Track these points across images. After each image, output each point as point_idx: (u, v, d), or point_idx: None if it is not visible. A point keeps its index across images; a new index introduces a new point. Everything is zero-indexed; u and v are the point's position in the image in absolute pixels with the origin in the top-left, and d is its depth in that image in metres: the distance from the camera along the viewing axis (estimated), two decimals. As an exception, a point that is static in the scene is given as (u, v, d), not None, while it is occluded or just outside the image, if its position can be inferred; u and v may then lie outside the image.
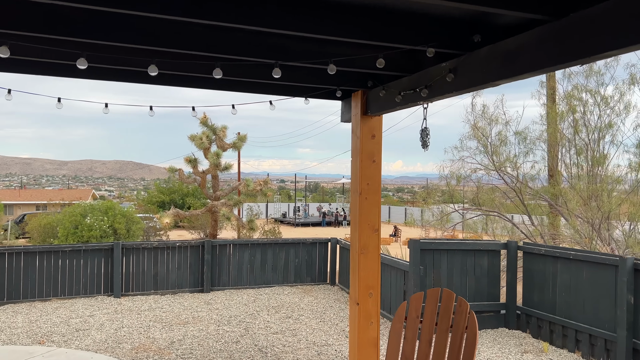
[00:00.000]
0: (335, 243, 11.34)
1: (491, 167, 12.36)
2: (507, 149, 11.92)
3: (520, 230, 11.64)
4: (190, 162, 24.68)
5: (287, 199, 73.82)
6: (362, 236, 5.28)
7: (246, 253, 10.81)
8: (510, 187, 11.48)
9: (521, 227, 12.17)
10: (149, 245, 10.28)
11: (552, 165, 13.01)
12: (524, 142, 12.69)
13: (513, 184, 11.50)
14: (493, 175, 12.88)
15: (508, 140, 11.87)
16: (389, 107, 4.81)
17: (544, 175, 13.08)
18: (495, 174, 12.76)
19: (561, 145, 12.90)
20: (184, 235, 44.22)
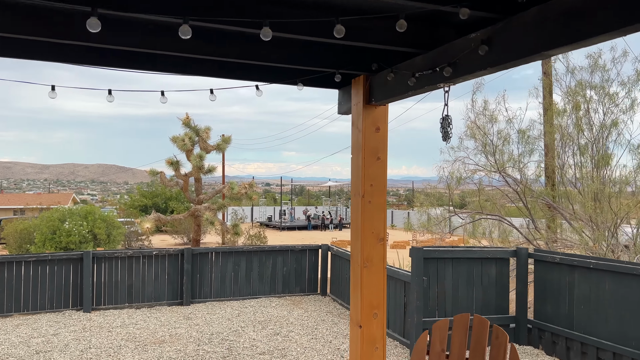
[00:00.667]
0: (326, 250, 10.52)
1: (491, 169, 11.65)
2: (510, 148, 11.21)
3: (524, 236, 10.92)
4: (172, 164, 23.74)
5: (273, 203, 73.01)
6: (365, 246, 4.48)
7: (230, 262, 9.95)
8: (513, 189, 10.76)
9: (523, 231, 11.45)
10: (123, 254, 9.39)
11: (550, 166, 12.33)
12: (525, 142, 12.02)
13: (516, 185, 10.78)
14: (492, 176, 12.18)
15: (511, 139, 11.15)
16: (399, 93, 4.02)
17: (554, 178, 12.41)
18: (494, 176, 12.07)
19: (563, 145, 12.22)
20: (167, 240, 43.21)
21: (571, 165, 11.84)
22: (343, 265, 9.67)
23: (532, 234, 11.23)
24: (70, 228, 32.29)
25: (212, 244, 38.37)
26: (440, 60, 3.48)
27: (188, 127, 24.16)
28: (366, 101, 4.46)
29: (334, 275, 10.20)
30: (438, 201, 15.81)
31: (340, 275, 9.82)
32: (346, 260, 9.54)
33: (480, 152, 12.23)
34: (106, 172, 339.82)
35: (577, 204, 10.50)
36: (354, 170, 4.62)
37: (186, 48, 3.64)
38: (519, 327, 7.56)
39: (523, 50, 2.83)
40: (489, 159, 12.15)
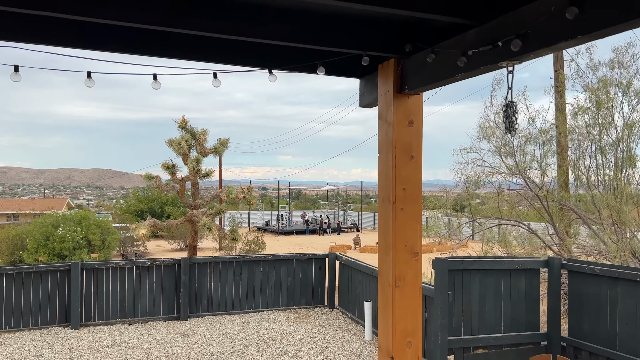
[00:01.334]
0: (333, 259, 9.79)
1: (509, 171, 10.96)
2: (529, 150, 10.52)
3: (546, 244, 10.20)
4: (168, 168, 22.95)
5: (270, 207, 72.29)
6: (397, 262, 3.77)
7: (230, 272, 9.21)
8: (534, 192, 10.04)
9: (543, 238, 10.75)
10: (115, 264, 8.64)
11: (564, 167, 11.64)
12: (542, 142, 11.34)
13: (537, 189, 10.07)
14: (509, 179, 11.49)
15: (531, 139, 10.46)
16: (442, 77, 3.31)
17: (567, 180, 11.71)
18: (510, 179, 11.37)
19: (580, 146, 11.53)
20: (163, 246, 42.40)
21: (590, 167, 11.16)
22: (353, 276, 8.95)
23: (552, 239, 10.52)
24: (63, 234, 31.47)
25: (209, 249, 37.62)
26: (502, 32, 2.78)
27: (184, 130, 23.40)
28: (397, 90, 3.76)
29: (342, 286, 9.47)
30: (442, 205, 15.06)
31: (350, 286, 9.09)
32: (356, 271, 8.82)
33: (494, 153, 11.55)
34: (102, 176, 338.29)
35: (605, 209, 9.80)
36: (382, 171, 3.91)
37: (170, 21, 2.96)
38: (552, 345, 6.85)
39: (634, 10, 2.12)
40: (505, 161, 11.48)
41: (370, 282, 8.22)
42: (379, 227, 3.99)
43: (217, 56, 3.68)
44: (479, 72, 3.06)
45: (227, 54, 3.70)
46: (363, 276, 8.51)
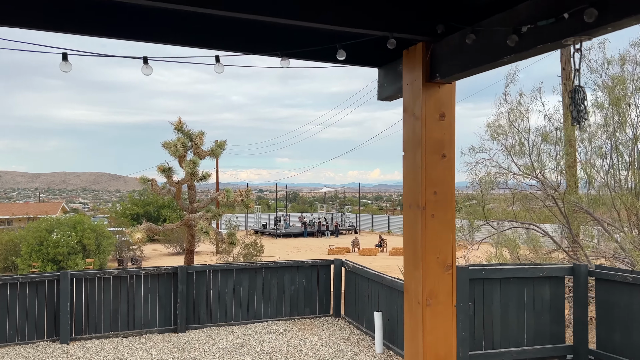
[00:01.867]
0: (339, 265, 9.27)
1: (519, 171, 10.48)
2: (547, 148, 10.05)
3: (562, 249, 9.71)
4: (164, 171, 22.39)
5: (267, 209, 71.81)
6: (428, 277, 3.26)
7: (230, 280, 8.69)
8: (549, 194, 9.55)
9: (557, 241, 10.26)
10: (107, 274, 8.11)
11: (571, 167, 11.16)
12: (557, 142, 10.88)
13: (552, 190, 9.59)
14: (520, 180, 11.01)
15: (542, 138, 9.99)
16: (485, 60, 2.82)
17: (576, 181, 11.23)
18: (522, 180, 10.90)
19: (590, 145, 11.08)
20: (160, 250, 41.81)
21: (605, 166, 10.69)
22: (360, 284, 8.45)
23: (568, 243, 10.04)
24: (58, 239, 30.85)
25: (207, 253, 37.07)
26: (570, 1, 2.28)
27: (180, 132, 22.84)
28: (426, 78, 3.25)
29: (349, 295, 8.96)
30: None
31: (357, 295, 8.58)
32: (364, 278, 8.31)
33: (505, 153, 11.08)
34: (98, 180, 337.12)
35: (623, 210, 9.32)
36: (408, 173, 3.41)
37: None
38: (579, 359, 6.36)
39: None
40: (516, 161, 11.00)
41: (380, 291, 7.71)
42: (405, 236, 3.49)
43: (220, 40, 3.18)
44: (535, 53, 2.56)
45: (233, 37, 3.20)
46: (372, 284, 8.01)
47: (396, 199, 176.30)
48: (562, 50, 15.37)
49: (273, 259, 35.02)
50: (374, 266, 33.18)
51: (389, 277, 7.44)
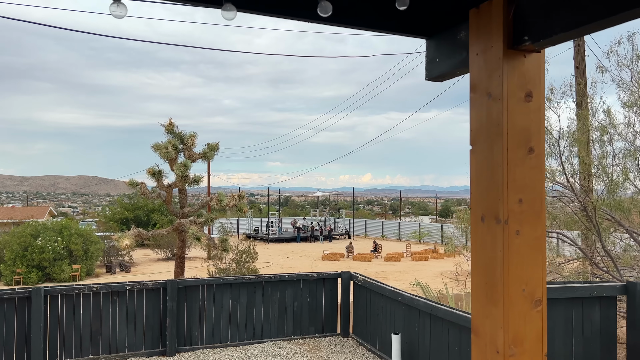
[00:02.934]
0: (347, 279, 8.35)
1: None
2: (570, 149, 9.20)
3: (593, 262, 8.84)
4: (153, 174, 21.38)
5: (259, 214, 70.89)
6: (510, 315, 2.37)
7: (226, 296, 7.75)
8: (579, 199, 8.69)
9: (576, 250, 9.40)
10: (87, 289, 7.14)
11: (585, 170, 10.34)
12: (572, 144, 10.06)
13: (583, 195, 8.73)
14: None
15: (577, 139, 9.14)
16: (612, 9, 1.94)
17: (590, 184, 10.39)
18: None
19: (604, 147, 10.28)
20: (149, 255, 40.71)
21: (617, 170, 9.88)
22: (373, 300, 7.54)
23: (597, 254, 9.18)
24: (43, 244, 29.73)
25: (198, 259, 36.05)
26: None
27: (171, 134, 21.84)
28: (509, 43, 2.36)
29: (359, 312, 8.04)
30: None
31: (369, 313, 7.67)
32: (377, 294, 7.40)
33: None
34: (87, 183, 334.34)
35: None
36: (480, 172, 2.52)
37: None
38: (633, 392, 5.49)
39: None
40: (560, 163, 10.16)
41: (397, 310, 6.80)
42: (474, 259, 2.59)
43: None
44: None
45: None
46: (387, 302, 7.10)
47: (387, 204, 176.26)
48: (576, 48, 14.57)
49: (265, 264, 34.06)
50: (369, 273, 32.11)
51: (408, 295, 6.54)
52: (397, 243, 54.21)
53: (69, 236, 30.01)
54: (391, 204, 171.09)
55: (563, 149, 8.82)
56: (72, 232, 30.47)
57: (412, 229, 57.61)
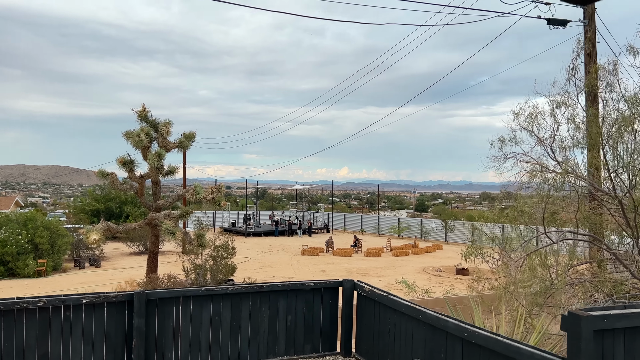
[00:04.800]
0: (350, 288, 7.04)
1: (561, 170, 8.50)
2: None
3: (631, 272, 7.67)
4: (125, 164, 19.74)
5: (235, 207, 69.34)
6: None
7: (206, 310, 6.41)
8: (618, 199, 7.51)
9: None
10: (32, 303, 5.73)
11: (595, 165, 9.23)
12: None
13: (623, 192, 7.57)
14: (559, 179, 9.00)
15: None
16: None
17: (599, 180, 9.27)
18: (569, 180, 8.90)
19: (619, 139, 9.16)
20: (121, 249, 38.96)
21: None
22: (382, 315, 6.28)
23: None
24: (6, 237, 27.85)
25: (172, 253, 34.44)
26: None
27: (145, 121, 20.23)
28: None
29: (364, 327, 6.77)
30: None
31: (377, 330, 6.40)
32: (388, 309, 6.12)
33: (544, 146, 9.11)
34: (59, 173, 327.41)
35: None
36: None
37: None
38: None
39: None
40: (556, 158, 9.03)
41: (416, 330, 5.55)
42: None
43: None
44: None
45: None
46: (403, 319, 5.84)
47: (364, 197, 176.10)
48: (587, 33, 13.50)
49: (243, 259, 32.58)
50: (350, 268, 30.92)
51: (431, 313, 5.30)
52: (376, 238, 53.24)
53: (34, 229, 28.25)
54: (367, 198, 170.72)
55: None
56: (38, 225, 28.70)
57: (391, 223, 56.76)
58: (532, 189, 8.80)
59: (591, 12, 13.23)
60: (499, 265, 7.68)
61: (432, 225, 52.62)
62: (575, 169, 8.15)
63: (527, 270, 6.92)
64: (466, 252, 7.57)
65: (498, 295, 8.13)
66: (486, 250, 8.32)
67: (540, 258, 6.98)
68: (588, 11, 13.24)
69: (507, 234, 8.34)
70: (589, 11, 13.25)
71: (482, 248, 7.98)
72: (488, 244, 8.61)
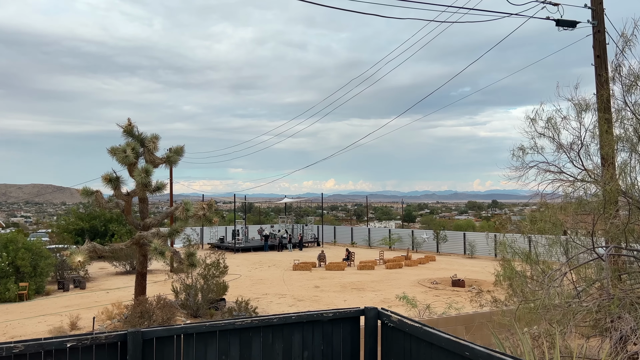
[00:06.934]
0: (374, 318, 6.18)
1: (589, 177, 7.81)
2: None
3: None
4: (110, 181, 18.78)
5: (223, 222, 68.33)
6: None
7: (211, 349, 5.54)
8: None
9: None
10: (6, 351, 4.84)
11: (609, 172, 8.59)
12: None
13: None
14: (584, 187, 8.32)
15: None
16: None
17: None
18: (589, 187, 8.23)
19: None
20: (107, 268, 37.67)
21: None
22: (411, 347, 5.45)
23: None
24: (-15, 260, 26.69)
25: (160, 272, 33.33)
26: None
27: (130, 136, 19.35)
28: None
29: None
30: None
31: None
32: (425, 344, 5.29)
33: (569, 153, 8.43)
34: (42, 192, 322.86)
35: None
36: None
37: None
38: None
39: None
40: (581, 165, 8.36)
41: (461, 370, 4.73)
42: None
43: None
44: None
45: None
46: (441, 355, 5.01)
47: (351, 209, 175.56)
48: (596, 35, 12.92)
49: (234, 277, 31.55)
50: (345, 283, 30.04)
51: (482, 350, 4.49)
52: (368, 250, 52.56)
53: (15, 251, 27.10)
54: (355, 209, 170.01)
55: None
56: (19, 246, 27.56)
57: (382, 234, 56.13)
58: (558, 196, 8.11)
59: (600, 12, 12.65)
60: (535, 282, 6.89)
61: (423, 236, 52.02)
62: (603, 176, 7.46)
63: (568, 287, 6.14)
64: (502, 274, 6.78)
65: (505, 312, 7.39)
66: (516, 264, 7.56)
67: (582, 273, 6.22)
68: (597, 11, 12.66)
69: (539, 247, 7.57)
70: (597, 11, 12.66)
71: (512, 262, 7.19)
72: (513, 256, 7.85)
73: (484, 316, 11.48)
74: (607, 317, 5.81)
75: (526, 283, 6.83)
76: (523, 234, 7.81)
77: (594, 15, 12.37)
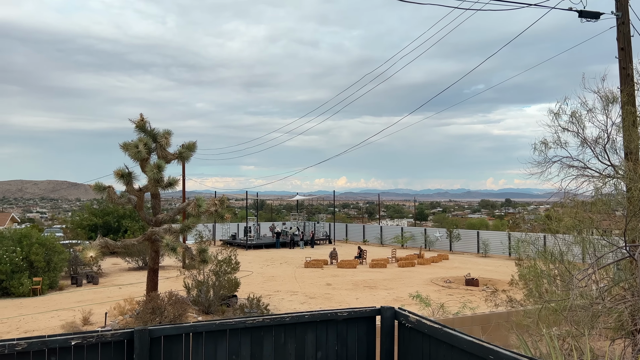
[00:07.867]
0: (390, 317, 5.92)
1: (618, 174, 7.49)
2: None
3: None
4: (122, 177, 18.64)
5: (235, 218, 68.21)
6: None
7: (221, 348, 5.32)
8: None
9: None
10: (9, 348, 4.65)
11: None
12: None
13: None
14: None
15: None
16: None
17: None
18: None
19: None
20: (119, 264, 37.70)
21: None
22: (430, 349, 5.19)
23: None
24: (0, 255, 26.75)
25: (172, 268, 33.29)
26: None
27: (143, 132, 19.19)
28: None
29: (407, 364, 5.68)
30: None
31: (425, 368, 5.32)
32: (445, 346, 5.02)
33: (594, 147, 8.10)
34: (57, 188, 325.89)
35: None
36: None
37: None
38: None
39: None
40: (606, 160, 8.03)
41: (485, 373, 4.46)
42: None
43: None
44: None
45: None
46: (464, 359, 4.75)
47: (363, 207, 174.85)
48: (620, 27, 12.51)
49: (246, 273, 31.38)
50: (357, 281, 29.69)
51: (507, 353, 4.22)
52: (380, 248, 52.19)
53: (29, 246, 27.13)
54: (367, 207, 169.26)
55: None
56: (33, 242, 27.59)
57: (394, 233, 55.67)
58: (585, 195, 7.78)
59: (625, 3, 12.24)
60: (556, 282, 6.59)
61: (436, 235, 51.54)
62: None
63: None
64: (522, 273, 6.50)
65: (527, 313, 7.08)
66: (536, 264, 7.26)
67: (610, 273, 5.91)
68: (621, 3, 12.25)
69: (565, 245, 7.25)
70: (621, 3, 12.26)
71: (536, 261, 6.89)
72: (537, 256, 7.54)
73: (501, 316, 11.16)
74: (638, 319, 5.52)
75: (550, 283, 6.53)
76: (550, 232, 7.45)
77: (617, 6, 11.99)
